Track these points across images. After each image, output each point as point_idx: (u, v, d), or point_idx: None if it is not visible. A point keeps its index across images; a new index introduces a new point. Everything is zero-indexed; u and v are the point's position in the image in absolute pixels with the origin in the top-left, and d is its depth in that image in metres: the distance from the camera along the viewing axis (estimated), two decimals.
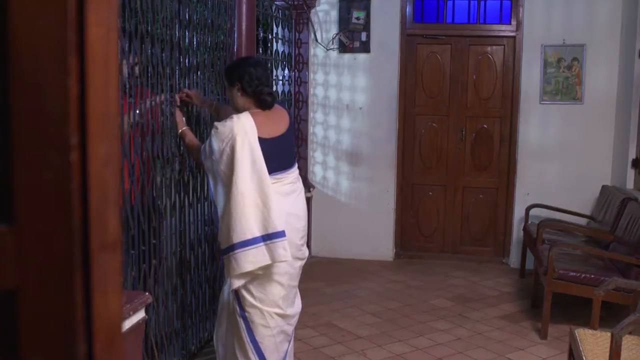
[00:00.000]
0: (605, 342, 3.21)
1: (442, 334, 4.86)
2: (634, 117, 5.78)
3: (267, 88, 3.55)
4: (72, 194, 0.65)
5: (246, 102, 3.52)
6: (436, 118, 6.82)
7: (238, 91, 3.52)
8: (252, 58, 3.95)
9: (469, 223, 6.90)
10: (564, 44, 6.38)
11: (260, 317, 3.42)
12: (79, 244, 0.65)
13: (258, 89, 3.51)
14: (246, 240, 3.27)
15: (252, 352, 3.42)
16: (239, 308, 3.41)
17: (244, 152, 3.29)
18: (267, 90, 3.55)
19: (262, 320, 3.42)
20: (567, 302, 5.19)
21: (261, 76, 3.55)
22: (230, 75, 3.58)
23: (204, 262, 4.29)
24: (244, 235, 3.27)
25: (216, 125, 3.35)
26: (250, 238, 3.28)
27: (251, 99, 3.52)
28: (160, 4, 3.42)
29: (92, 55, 0.65)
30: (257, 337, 3.43)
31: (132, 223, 3.19)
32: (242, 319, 3.41)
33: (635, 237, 4.81)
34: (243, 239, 3.27)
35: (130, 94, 3.22)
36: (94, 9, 0.65)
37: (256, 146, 3.32)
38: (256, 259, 3.29)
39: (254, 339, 3.42)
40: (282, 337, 3.52)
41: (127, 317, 2.63)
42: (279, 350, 3.50)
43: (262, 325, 3.42)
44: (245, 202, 3.27)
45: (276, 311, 3.46)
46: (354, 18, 6.55)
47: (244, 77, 3.50)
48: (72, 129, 0.64)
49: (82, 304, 0.66)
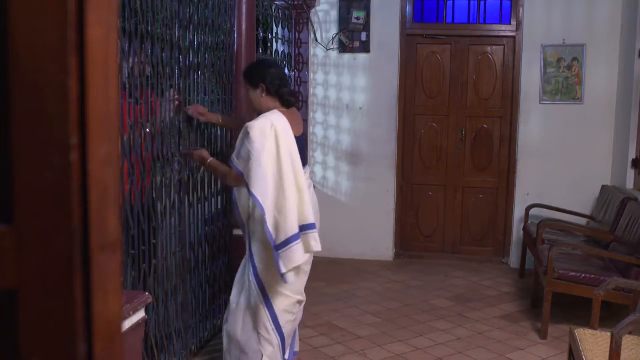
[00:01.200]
0: (605, 342, 3.21)
1: (442, 334, 4.86)
2: (634, 117, 5.77)
3: (287, 88, 3.81)
4: (72, 194, 0.65)
5: (270, 101, 3.74)
6: (436, 118, 6.82)
7: (262, 92, 3.72)
8: (268, 60, 4.21)
9: (469, 223, 6.90)
10: (564, 44, 6.38)
11: (286, 304, 3.70)
12: (79, 244, 0.65)
13: (281, 88, 3.74)
14: (296, 234, 3.52)
15: (276, 337, 3.68)
16: (265, 297, 3.63)
17: (284, 147, 3.53)
18: (289, 89, 3.82)
19: (288, 307, 3.71)
20: (567, 302, 5.19)
21: (282, 76, 3.83)
22: (252, 77, 3.76)
23: (204, 262, 4.29)
24: (295, 228, 3.52)
25: (251, 125, 3.50)
26: (297, 232, 3.53)
27: (275, 98, 3.74)
28: (160, 4, 3.42)
29: (92, 55, 0.65)
30: (281, 323, 3.67)
31: (132, 223, 3.20)
32: (267, 308, 3.63)
33: (635, 237, 4.81)
34: (295, 232, 3.52)
35: (140, 93, 3.22)
36: (94, 9, 0.65)
37: (293, 141, 3.60)
38: (301, 252, 3.55)
39: (278, 324, 3.67)
40: (297, 322, 3.88)
41: (127, 317, 2.63)
42: (292, 334, 3.84)
43: (287, 312, 3.70)
44: (291, 196, 3.52)
45: (299, 298, 3.79)
46: (354, 18, 6.55)
47: (267, 78, 3.71)
48: (72, 129, 0.64)
49: (82, 303, 0.66)
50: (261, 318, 3.65)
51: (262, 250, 3.62)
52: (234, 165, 3.53)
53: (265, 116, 3.60)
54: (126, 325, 2.63)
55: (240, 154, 3.50)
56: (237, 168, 3.51)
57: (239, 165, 3.50)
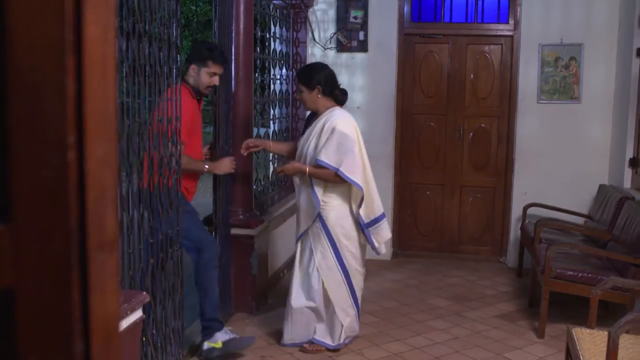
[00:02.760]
0: (603, 341, 3.22)
1: (440, 333, 4.86)
2: (631, 117, 5.78)
3: (339, 88, 4.38)
4: (69, 193, 0.64)
5: (327, 101, 4.31)
6: (434, 117, 6.82)
7: (319, 93, 4.27)
8: (319, 63, 4.74)
9: (467, 222, 6.90)
10: (561, 43, 6.38)
11: (359, 279, 4.46)
12: (76, 243, 0.65)
13: (334, 89, 4.33)
14: (382, 214, 4.47)
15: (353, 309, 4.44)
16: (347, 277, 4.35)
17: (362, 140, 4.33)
18: (341, 89, 4.38)
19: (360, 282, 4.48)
20: (565, 301, 5.20)
21: (334, 77, 4.39)
22: (308, 80, 4.26)
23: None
24: (380, 209, 4.43)
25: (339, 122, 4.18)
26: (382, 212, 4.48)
27: (330, 97, 4.31)
28: (158, 3, 3.42)
29: (90, 54, 0.65)
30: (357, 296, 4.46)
31: (128, 222, 3.19)
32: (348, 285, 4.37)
33: (632, 236, 4.81)
34: (381, 211, 4.45)
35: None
36: (91, 8, 0.65)
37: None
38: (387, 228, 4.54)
39: (356, 298, 4.45)
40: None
41: (124, 317, 2.62)
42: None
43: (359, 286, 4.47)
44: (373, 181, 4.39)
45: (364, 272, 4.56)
46: (352, 17, 6.56)
47: (323, 80, 4.27)
48: (69, 128, 0.64)
49: (79, 302, 0.66)
50: (343, 295, 4.36)
51: (343, 237, 4.30)
52: (329, 165, 4.14)
53: (341, 113, 4.29)
54: (123, 325, 2.63)
55: (333, 151, 4.13)
56: (330, 166, 4.14)
57: (333, 162, 4.13)
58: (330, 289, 4.33)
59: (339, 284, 4.34)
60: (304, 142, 4.36)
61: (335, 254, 4.31)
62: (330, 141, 4.17)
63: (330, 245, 4.30)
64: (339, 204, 4.30)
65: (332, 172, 4.17)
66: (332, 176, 4.19)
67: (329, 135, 4.18)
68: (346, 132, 4.16)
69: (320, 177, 4.24)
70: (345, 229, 4.32)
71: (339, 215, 4.30)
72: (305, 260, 4.40)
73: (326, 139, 4.18)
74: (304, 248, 4.42)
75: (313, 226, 4.33)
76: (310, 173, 4.23)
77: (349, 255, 4.34)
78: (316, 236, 4.33)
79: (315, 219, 4.30)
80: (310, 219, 4.33)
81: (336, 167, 4.13)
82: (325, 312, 4.40)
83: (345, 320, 4.39)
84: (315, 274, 4.34)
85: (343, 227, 4.31)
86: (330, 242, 4.30)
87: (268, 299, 5.38)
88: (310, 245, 4.35)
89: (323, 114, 4.30)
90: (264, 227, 5.17)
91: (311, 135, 4.31)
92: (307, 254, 4.39)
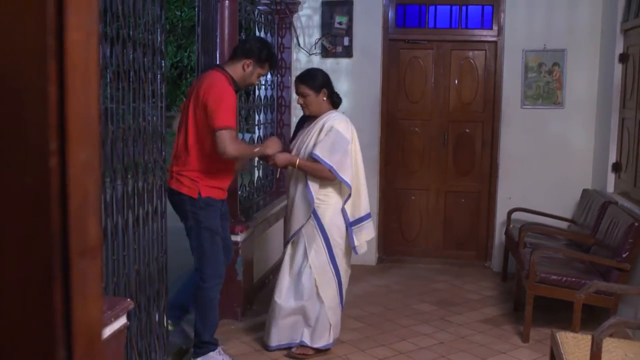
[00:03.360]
0: (586, 344, 3.23)
1: (425, 338, 4.87)
2: (614, 121, 5.83)
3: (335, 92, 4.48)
4: (51, 199, 0.64)
5: (327, 105, 4.41)
6: (419, 122, 6.84)
7: (324, 96, 4.37)
8: (317, 68, 4.76)
9: (452, 227, 6.92)
10: (544, 49, 6.43)
11: (346, 280, 4.53)
12: (59, 249, 0.65)
13: (333, 93, 4.45)
14: (368, 214, 4.51)
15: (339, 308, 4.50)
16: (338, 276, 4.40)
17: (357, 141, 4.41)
18: (337, 93, 4.50)
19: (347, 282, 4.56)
20: (549, 305, 5.22)
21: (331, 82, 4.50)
22: (315, 83, 4.34)
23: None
24: (366, 209, 4.48)
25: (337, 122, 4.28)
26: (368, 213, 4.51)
27: (329, 101, 4.42)
28: (142, 9, 3.41)
29: (72, 60, 0.65)
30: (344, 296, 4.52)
31: (112, 228, 3.18)
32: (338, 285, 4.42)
33: (615, 240, 4.85)
34: (367, 212, 4.49)
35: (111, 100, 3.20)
36: (73, 14, 0.64)
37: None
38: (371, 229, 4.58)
39: (342, 297, 4.50)
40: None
41: (108, 324, 2.61)
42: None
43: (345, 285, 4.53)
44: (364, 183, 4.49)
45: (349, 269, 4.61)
46: (337, 23, 6.57)
47: (328, 84, 4.42)
48: (51, 134, 0.63)
49: (61, 309, 0.66)
50: (333, 294, 4.41)
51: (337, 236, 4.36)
52: (323, 161, 4.19)
53: (339, 115, 4.41)
54: (107, 332, 2.62)
55: (327, 148, 4.20)
56: (326, 163, 4.19)
57: (326, 158, 4.18)
58: (322, 287, 4.36)
59: (330, 282, 4.38)
60: (300, 144, 4.39)
61: (329, 252, 4.35)
62: (326, 138, 4.24)
63: (325, 244, 4.33)
64: (334, 202, 4.35)
65: (324, 168, 4.20)
66: (322, 172, 4.23)
67: (327, 133, 4.26)
68: (342, 132, 4.25)
69: (309, 170, 4.27)
70: (339, 228, 4.37)
71: (334, 213, 4.35)
72: (298, 260, 4.40)
73: (324, 136, 4.26)
74: (296, 248, 4.43)
75: (307, 224, 4.35)
76: (300, 165, 4.25)
77: (341, 253, 4.40)
78: (310, 234, 4.35)
79: (309, 217, 4.33)
80: (305, 217, 4.35)
81: (330, 164, 4.18)
82: (313, 312, 4.39)
83: (332, 319, 4.43)
84: (307, 272, 4.34)
85: (337, 225, 4.36)
86: (324, 241, 4.33)
87: (253, 305, 5.36)
88: (304, 244, 4.36)
89: (321, 117, 4.37)
90: (249, 233, 5.16)
91: (309, 136, 4.35)
92: (299, 253, 4.39)
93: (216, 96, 3.91)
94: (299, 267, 4.40)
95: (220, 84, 3.98)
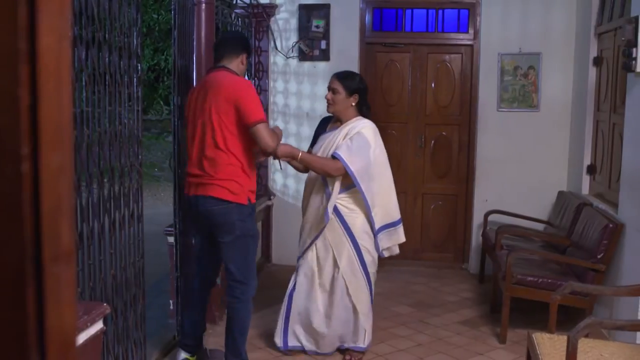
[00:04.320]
0: (562, 345, 3.26)
1: (403, 340, 4.88)
2: (589, 124, 5.89)
3: (367, 104, 4.36)
4: (23, 204, 0.64)
5: (354, 111, 4.31)
6: (396, 125, 6.86)
7: (354, 101, 4.27)
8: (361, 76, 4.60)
9: (429, 230, 6.95)
10: (520, 52, 6.48)
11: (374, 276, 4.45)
12: (31, 255, 0.64)
13: (364, 105, 4.32)
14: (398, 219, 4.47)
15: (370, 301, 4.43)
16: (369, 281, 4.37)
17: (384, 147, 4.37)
18: (368, 106, 4.36)
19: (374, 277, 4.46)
20: (526, 307, 5.26)
21: (367, 93, 4.38)
22: (350, 84, 4.25)
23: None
24: (395, 215, 4.44)
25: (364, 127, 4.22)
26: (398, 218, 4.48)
27: (357, 110, 4.31)
28: (118, 12, 3.39)
29: (44, 64, 0.64)
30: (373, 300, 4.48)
31: (88, 233, 3.15)
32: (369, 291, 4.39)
33: (590, 241, 4.89)
34: (397, 217, 4.45)
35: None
36: (45, 17, 0.64)
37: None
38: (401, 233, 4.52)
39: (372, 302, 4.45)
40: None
41: (85, 329, 2.59)
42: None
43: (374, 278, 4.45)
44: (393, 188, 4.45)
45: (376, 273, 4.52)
46: (314, 26, 6.57)
47: (362, 92, 4.30)
48: (23, 139, 0.63)
49: (34, 316, 0.65)
50: (366, 300, 4.38)
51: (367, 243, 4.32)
52: (341, 158, 4.10)
53: (367, 122, 4.28)
54: (84, 337, 2.60)
55: (351, 150, 4.13)
56: (344, 160, 4.10)
57: (346, 158, 4.10)
58: (355, 295, 4.34)
59: (363, 289, 4.37)
60: (326, 149, 4.31)
61: (360, 260, 4.33)
62: (349, 141, 4.18)
63: (355, 251, 4.31)
64: (362, 210, 4.30)
65: (331, 162, 4.16)
66: (325, 165, 4.18)
67: (351, 137, 4.21)
68: (366, 137, 4.20)
69: (313, 163, 4.21)
70: (368, 233, 4.34)
71: (364, 221, 4.31)
72: (327, 271, 4.38)
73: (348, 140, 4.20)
74: (322, 260, 4.39)
75: (335, 234, 4.31)
76: (302, 158, 4.15)
77: (371, 261, 4.38)
78: (339, 243, 4.31)
79: (324, 226, 4.28)
80: (321, 224, 4.31)
81: (346, 162, 4.12)
82: (349, 320, 4.41)
83: (367, 325, 4.43)
84: (340, 282, 4.33)
85: (366, 232, 4.33)
86: (355, 248, 4.30)
87: None
88: (332, 254, 4.33)
89: (348, 122, 4.30)
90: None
91: (334, 142, 4.28)
92: (328, 263, 4.37)
93: (243, 92, 3.82)
94: (331, 277, 4.37)
95: (240, 81, 3.95)
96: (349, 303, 4.37)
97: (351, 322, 4.41)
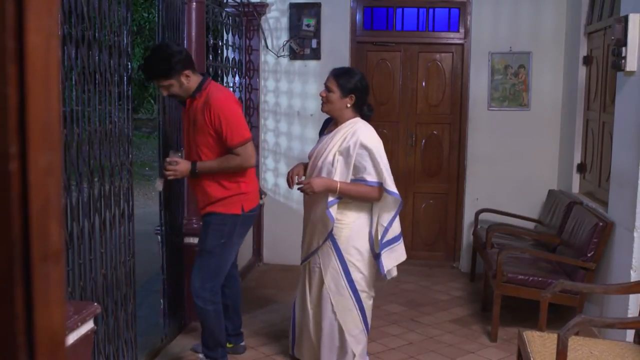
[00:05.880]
0: (553, 343, 3.27)
1: (394, 339, 4.89)
2: (579, 123, 5.91)
3: (368, 105, 4.01)
4: (11, 204, 0.63)
5: (350, 113, 3.96)
6: (386, 124, 6.86)
7: (350, 102, 3.91)
8: (359, 71, 4.20)
9: (420, 228, 6.96)
10: (510, 51, 6.50)
11: (369, 303, 4.10)
12: (20, 254, 0.64)
13: (363, 105, 3.97)
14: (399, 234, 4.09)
15: (364, 335, 4.09)
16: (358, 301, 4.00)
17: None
18: (369, 106, 4.03)
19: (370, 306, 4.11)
20: (516, 305, 5.28)
21: (368, 92, 4.03)
22: (346, 84, 3.89)
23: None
24: (398, 229, 4.06)
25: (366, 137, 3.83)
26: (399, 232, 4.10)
27: (355, 111, 3.96)
28: (108, 10, 3.38)
29: (32, 63, 0.64)
30: (368, 321, 4.11)
31: (79, 232, 3.14)
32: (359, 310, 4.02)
33: (580, 240, 4.91)
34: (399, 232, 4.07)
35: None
36: (33, 16, 0.64)
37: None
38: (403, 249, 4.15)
39: (367, 323, 4.09)
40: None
41: (75, 328, 2.58)
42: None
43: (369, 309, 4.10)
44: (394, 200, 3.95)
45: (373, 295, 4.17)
46: (305, 25, 6.57)
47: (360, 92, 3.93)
48: (11, 138, 0.63)
49: (23, 315, 0.65)
50: (354, 320, 4.02)
51: (354, 259, 3.96)
52: (371, 182, 3.83)
53: (365, 125, 3.93)
54: (74, 336, 2.59)
55: (367, 167, 3.82)
56: (374, 183, 3.84)
57: (372, 178, 3.83)
58: (340, 313, 4.00)
59: (350, 308, 4.00)
60: (319, 153, 4.02)
61: (346, 276, 3.96)
62: (369, 160, 3.86)
63: (341, 267, 3.96)
64: (351, 221, 3.95)
65: (370, 189, 3.85)
66: (369, 193, 3.87)
67: (360, 153, 3.86)
68: (379, 146, 3.89)
69: (354, 194, 3.88)
70: (358, 249, 3.96)
71: (352, 233, 3.94)
72: (315, 288, 4.10)
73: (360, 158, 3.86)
74: (312, 273, 4.10)
75: (324, 245, 3.99)
76: (342, 190, 3.83)
77: (361, 278, 4.00)
78: (326, 256, 3.99)
79: (327, 237, 3.96)
80: (322, 236, 3.98)
81: (380, 182, 3.84)
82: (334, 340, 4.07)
83: (357, 348, 4.06)
84: (325, 296, 4.01)
85: (355, 247, 3.95)
86: (340, 263, 3.96)
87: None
88: (319, 267, 4.04)
89: (345, 124, 3.96)
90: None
91: (327, 146, 3.97)
92: (316, 276, 4.07)
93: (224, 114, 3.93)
94: (317, 291, 4.08)
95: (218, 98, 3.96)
96: (334, 321, 4.03)
97: (336, 339, 4.06)
